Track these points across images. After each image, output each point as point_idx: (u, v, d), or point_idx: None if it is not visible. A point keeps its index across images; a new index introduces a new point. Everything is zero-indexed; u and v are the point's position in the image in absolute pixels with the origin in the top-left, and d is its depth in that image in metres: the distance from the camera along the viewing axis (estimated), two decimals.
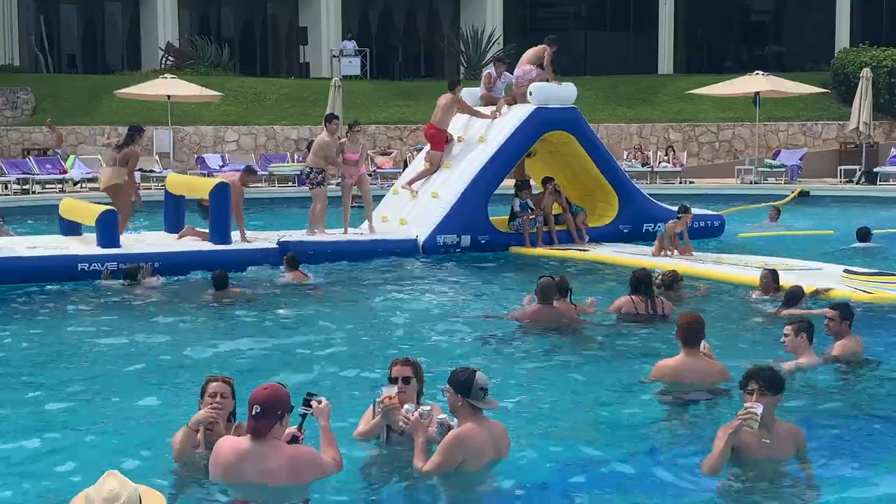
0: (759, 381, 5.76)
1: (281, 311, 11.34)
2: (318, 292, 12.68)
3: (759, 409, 5.60)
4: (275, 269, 13.71)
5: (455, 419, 5.79)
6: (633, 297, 10.19)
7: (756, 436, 5.65)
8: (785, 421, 6.00)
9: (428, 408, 5.94)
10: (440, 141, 16.53)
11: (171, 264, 13.47)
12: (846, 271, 12.19)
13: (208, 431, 5.76)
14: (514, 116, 16.25)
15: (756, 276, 11.67)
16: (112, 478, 3.79)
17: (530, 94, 16.30)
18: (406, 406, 5.84)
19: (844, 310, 8.48)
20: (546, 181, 16.30)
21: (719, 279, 12.75)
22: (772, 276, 11.09)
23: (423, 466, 5.65)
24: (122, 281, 12.67)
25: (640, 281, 10.26)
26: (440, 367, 8.35)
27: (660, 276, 11.09)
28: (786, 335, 7.99)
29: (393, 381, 6.00)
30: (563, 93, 16.52)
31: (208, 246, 14.37)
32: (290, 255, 13.35)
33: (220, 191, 14.46)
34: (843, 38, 35.05)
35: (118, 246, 13.86)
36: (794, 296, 10.27)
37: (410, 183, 16.65)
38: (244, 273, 13.50)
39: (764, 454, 5.74)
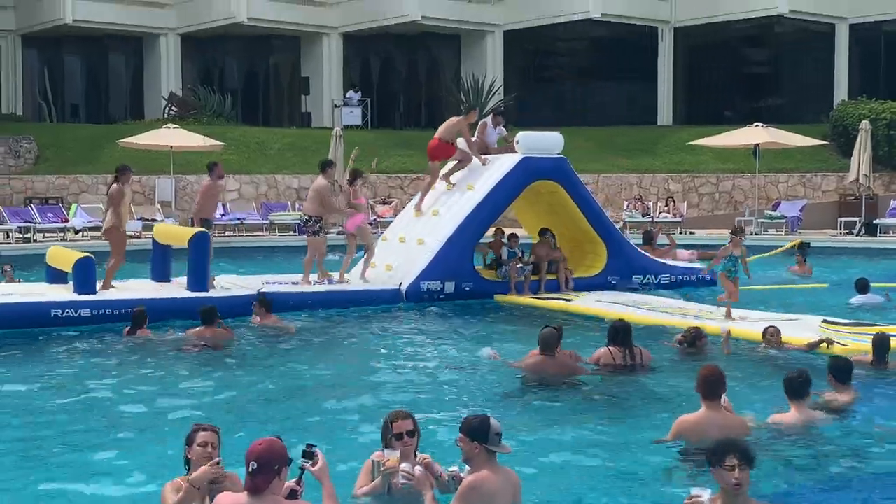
0: (740, 457, 5.20)
1: (260, 356, 11.38)
2: (289, 333, 12.77)
3: (707, 496, 5.13)
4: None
5: (465, 469, 5.78)
6: (610, 348, 10.19)
7: None
8: (758, 500, 5.50)
9: (455, 469, 5.91)
10: (441, 152, 16.66)
11: (147, 312, 13.27)
12: (825, 321, 12.27)
13: (212, 485, 5.69)
14: (502, 166, 16.33)
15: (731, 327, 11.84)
16: None
17: (517, 142, 16.41)
18: (404, 465, 5.78)
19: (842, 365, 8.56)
20: (543, 232, 16.36)
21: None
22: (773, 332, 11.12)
23: None
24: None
25: (618, 331, 10.29)
26: (439, 417, 8.33)
27: (682, 334, 11.08)
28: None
29: (398, 436, 5.95)
30: (550, 142, 16.62)
31: (185, 294, 14.40)
32: (261, 299, 13.30)
33: (199, 240, 14.60)
34: (841, 91, 35.30)
35: (93, 292, 13.90)
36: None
37: (418, 206, 16.85)
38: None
39: None
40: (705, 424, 7.33)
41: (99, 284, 14.27)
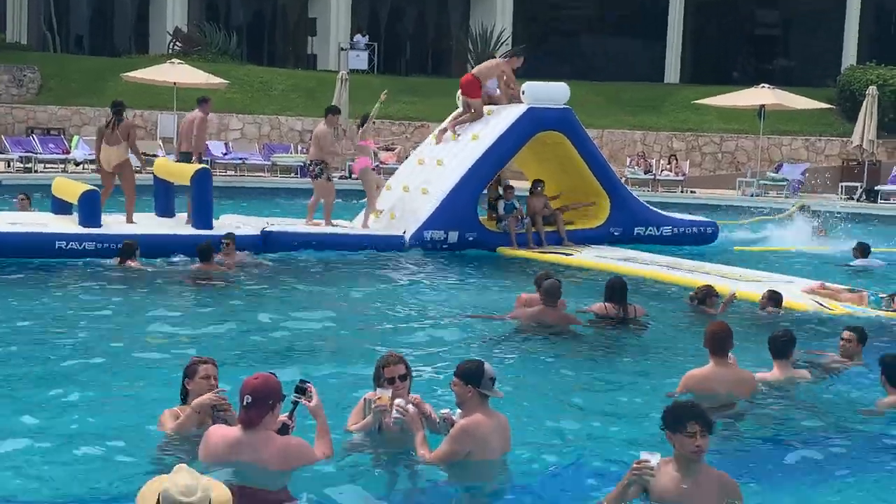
0: (702, 423, 5.09)
1: (259, 294, 11.42)
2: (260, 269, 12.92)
3: (656, 461, 5.04)
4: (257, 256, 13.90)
5: (457, 412, 5.86)
6: (606, 304, 10.28)
7: (675, 482, 5.06)
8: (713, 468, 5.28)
9: (447, 411, 5.99)
10: (471, 89, 16.61)
11: (151, 247, 13.49)
12: (821, 285, 12.34)
13: (218, 414, 5.76)
14: (508, 116, 16.28)
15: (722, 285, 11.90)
16: (183, 472, 3.72)
17: (523, 93, 16.36)
18: (398, 401, 5.88)
19: (861, 333, 8.53)
20: (535, 184, 16.34)
21: (684, 285, 12.84)
22: (769, 296, 11.01)
23: (428, 456, 5.73)
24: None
25: (615, 289, 10.36)
26: (434, 365, 8.41)
27: (694, 291, 11.00)
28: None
29: (390, 381, 6.02)
30: (556, 92, 16.56)
31: (189, 230, 14.48)
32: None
33: (202, 177, 14.64)
34: (850, 56, 35.11)
35: (99, 225, 14.03)
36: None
37: (446, 131, 16.78)
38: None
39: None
40: (713, 379, 7.42)
41: (112, 217, 14.37)
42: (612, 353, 9.44)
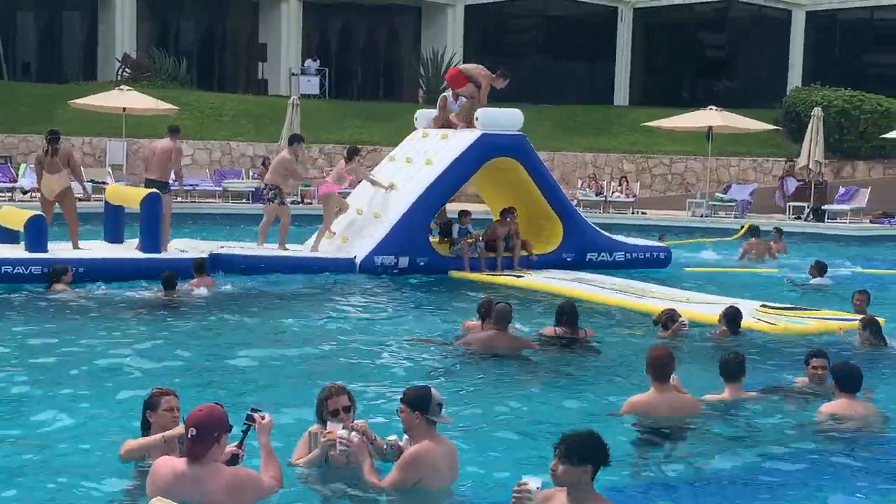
0: (562, 448, 4.86)
1: (207, 323, 11.37)
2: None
3: (536, 485, 4.88)
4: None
5: (404, 439, 5.84)
6: (556, 328, 10.31)
7: None
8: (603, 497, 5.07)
9: (394, 438, 5.95)
10: (461, 80, 16.82)
11: (97, 271, 13.51)
12: (763, 306, 12.52)
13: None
14: (461, 141, 16.32)
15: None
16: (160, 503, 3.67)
17: (477, 119, 16.40)
18: (341, 431, 5.80)
19: (828, 357, 8.50)
20: (505, 213, 16.35)
21: (632, 309, 13.04)
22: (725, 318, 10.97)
23: (378, 483, 5.69)
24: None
25: (564, 312, 10.39)
26: (382, 392, 8.37)
27: (657, 315, 10.93)
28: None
29: (334, 413, 5.96)
30: (510, 118, 16.63)
31: (136, 254, 14.46)
32: (197, 261, 13.30)
33: (151, 200, 14.64)
34: (795, 78, 35.69)
35: (45, 251, 14.04)
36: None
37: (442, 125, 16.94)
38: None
39: None
40: (655, 404, 7.47)
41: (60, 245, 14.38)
42: (561, 376, 9.48)
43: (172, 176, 15.69)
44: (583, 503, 4.88)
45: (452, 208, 17.34)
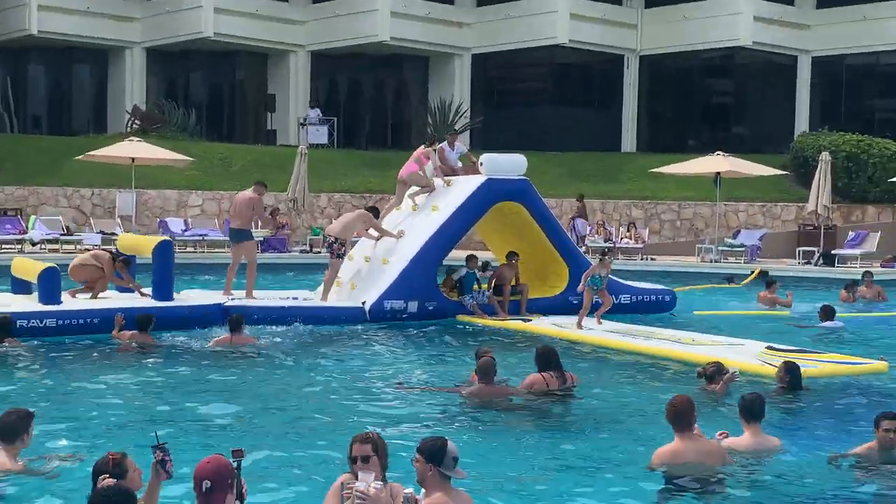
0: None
1: (217, 376, 11.29)
2: (255, 350, 12.72)
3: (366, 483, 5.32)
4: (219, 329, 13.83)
5: (422, 492, 5.71)
6: (543, 374, 10.20)
7: None
8: None
9: (410, 491, 5.79)
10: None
11: (111, 322, 13.40)
12: (769, 348, 12.51)
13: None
14: (466, 187, 16.45)
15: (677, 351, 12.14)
16: None
17: (481, 164, 16.58)
18: (357, 484, 5.68)
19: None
20: (510, 255, 16.41)
21: (642, 353, 13.02)
22: (785, 369, 10.52)
23: None
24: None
25: (549, 357, 10.27)
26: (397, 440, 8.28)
27: (703, 367, 10.46)
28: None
29: (352, 460, 5.86)
30: (514, 164, 16.78)
31: (150, 303, 14.46)
32: (234, 317, 13.08)
33: (163, 249, 14.72)
34: (802, 122, 35.79)
35: (59, 302, 14.01)
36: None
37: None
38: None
39: None
40: (682, 454, 7.34)
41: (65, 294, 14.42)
42: (563, 426, 9.32)
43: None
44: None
45: (457, 255, 17.31)
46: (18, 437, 6.95)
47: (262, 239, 25.92)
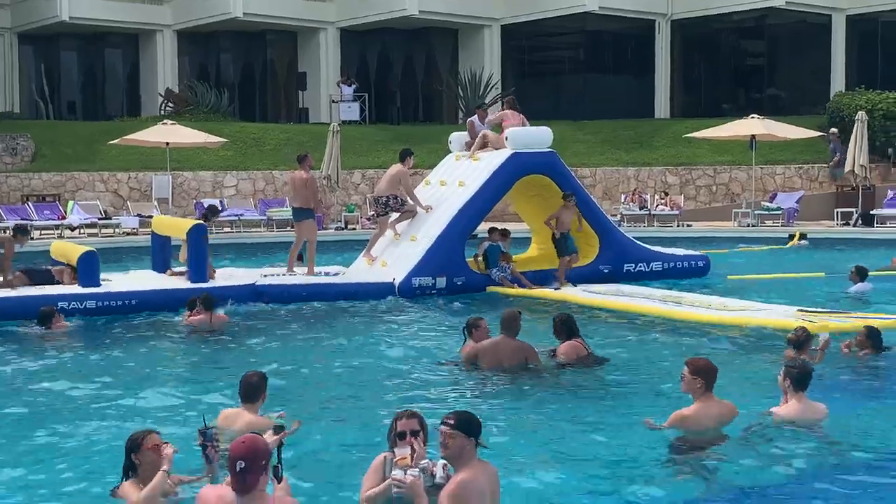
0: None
1: (251, 347, 11.45)
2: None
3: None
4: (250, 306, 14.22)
5: (440, 465, 5.68)
6: (575, 340, 10.14)
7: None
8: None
9: (426, 462, 5.78)
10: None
11: (149, 303, 13.75)
12: (799, 310, 12.48)
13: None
14: (492, 161, 16.47)
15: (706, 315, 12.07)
16: None
17: (507, 139, 16.57)
18: (395, 472, 5.67)
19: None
20: (567, 196, 16.24)
21: (671, 318, 13.04)
22: (866, 333, 10.38)
23: None
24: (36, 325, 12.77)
25: (571, 325, 10.19)
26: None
27: (792, 333, 9.83)
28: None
29: (400, 435, 5.83)
30: (539, 137, 16.77)
31: (186, 284, 14.63)
32: (207, 296, 12.93)
33: (197, 231, 14.88)
34: (838, 82, 35.27)
35: (98, 285, 14.24)
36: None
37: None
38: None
39: None
40: (702, 415, 7.43)
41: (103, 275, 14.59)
42: (588, 392, 9.31)
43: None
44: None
45: (483, 228, 17.31)
46: (259, 396, 7.40)
47: None
